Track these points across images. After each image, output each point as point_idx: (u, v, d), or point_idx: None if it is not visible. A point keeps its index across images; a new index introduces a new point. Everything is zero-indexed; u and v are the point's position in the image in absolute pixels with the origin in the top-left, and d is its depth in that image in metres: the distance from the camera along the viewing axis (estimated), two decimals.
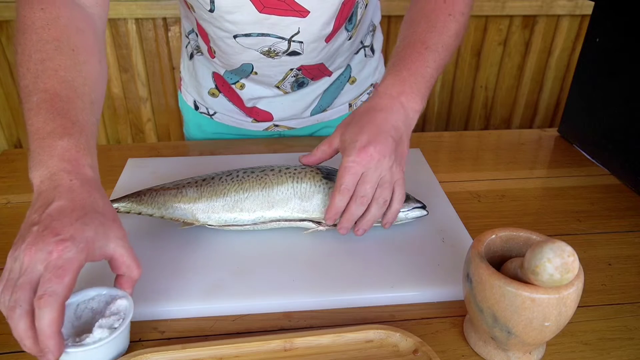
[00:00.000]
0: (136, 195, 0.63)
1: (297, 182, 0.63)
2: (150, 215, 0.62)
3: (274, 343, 0.49)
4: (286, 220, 0.63)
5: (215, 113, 0.92)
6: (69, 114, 0.48)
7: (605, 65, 0.83)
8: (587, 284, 0.59)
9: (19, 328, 0.39)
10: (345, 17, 0.75)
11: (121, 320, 0.46)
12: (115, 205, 0.62)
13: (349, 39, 0.81)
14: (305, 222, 0.63)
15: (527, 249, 0.45)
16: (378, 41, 0.92)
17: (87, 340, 0.44)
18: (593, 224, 0.70)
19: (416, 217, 0.64)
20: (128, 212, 0.63)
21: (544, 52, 1.90)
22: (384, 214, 0.60)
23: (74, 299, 0.48)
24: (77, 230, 0.42)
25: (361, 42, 0.87)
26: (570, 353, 0.50)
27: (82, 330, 0.46)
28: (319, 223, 0.63)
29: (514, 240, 0.49)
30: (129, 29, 1.69)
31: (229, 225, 0.63)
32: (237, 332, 0.52)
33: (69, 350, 0.43)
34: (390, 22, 1.77)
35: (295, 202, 0.62)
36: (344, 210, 0.58)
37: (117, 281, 0.48)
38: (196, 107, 0.93)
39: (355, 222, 0.60)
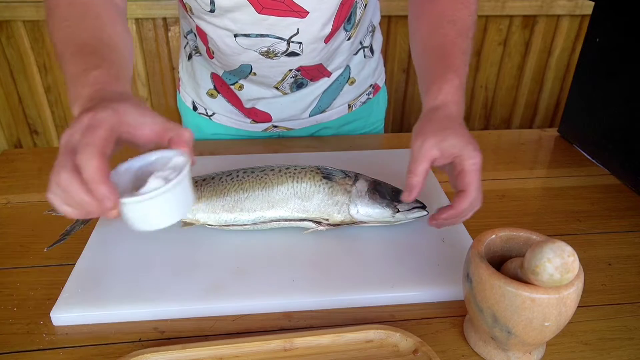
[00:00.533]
0: None
1: (297, 182, 0.63)
2: None
3: (274, 343, 0.49)
4: (286, 220, 0.63)
5: (213, 114, 0.92)
6: (98, 54, 0.52)
7: (605, 65, 0.83)
8: (587, 284, 0.59)
9: (73, 187, 0.40)
10: (344, 18, 0.75)
11: (177, 173, 0.44)
12: None
13: (348, 39, 0.81)
14: (305, 222, 0.63)
15: (527, 249, 0.45)
16: (377, 42, 0.92)
17: (142, 190, 0.42)
18: (593, 224, 0.70)
19: (416, 217, 0.64)
20: None
21: (544, 52, 1.90)
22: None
23: (135, 163, 0.47)
24: (107, 105, 0.43)
25: (360, 43, 0.87)
26: (570, 353, 0.50)
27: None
28: (319, 223, 0.63)
29: (514, 240, 0.49)
30: (129, 29, 1.69)
31: (229, 225, 0.63)
32: (237, 332, 0.52)
33: (124, 200, 0.41)
34: (390, 22, 1.77)
35: (295, 202, 0.62)
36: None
37: (171, 145, 0.47)
38: (195, 108, 0.93)
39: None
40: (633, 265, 0.62)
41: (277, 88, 0.84)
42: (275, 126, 0.91)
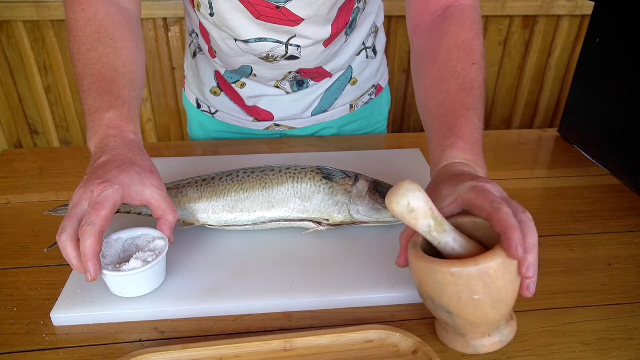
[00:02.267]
0: None
1: (297, 182, 0.63)
2: (150, 215, 0.62)
3: (274, 343, 0.49)
4: (286, 220, 0.63)
5: (216, 111, 0.92)
6: (112, 90, 0.58)
7: (605, 65, 0.83)
8: (587, 284, 0.59)
9: (67, 250, 0.48)
10: (344, 23, 0.75)
11: (154, 256, 0.53)
12: None
13: (345, 41, 0.81)
14: (305, 222, 0.63)
15: (476, 233, 0.45)
16: (380, 42, 0.92)
17: (123, 267, 0.52)
18: (593, 224, 0.70)
19: None
20: (128, 212, 0.63)
21: (544, 52, 1.91)
22: None
23: (124, 235, 0.57)
24: (114, 175, 0.51)
25: (363, 44, 0.87)
26: (570, 353, 0.50)
27: (125, 261, 0.53)
28: (319, 223, 0.63)
29: (462, 227, 0.48)
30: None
31: (229, 225, 0.63)
32: (237, 332, 0.52)
33: (105, 272, 0.51)
34: (390, 22, 1.77)
35: (295, 202, 0.62)
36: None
37: (157, 224, 0.56)
38: (198, 105, 0.94)
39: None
40: (633, 265, 0.62)
41: (277, 86, 0.84)
42: (277, 124, 0.91)
